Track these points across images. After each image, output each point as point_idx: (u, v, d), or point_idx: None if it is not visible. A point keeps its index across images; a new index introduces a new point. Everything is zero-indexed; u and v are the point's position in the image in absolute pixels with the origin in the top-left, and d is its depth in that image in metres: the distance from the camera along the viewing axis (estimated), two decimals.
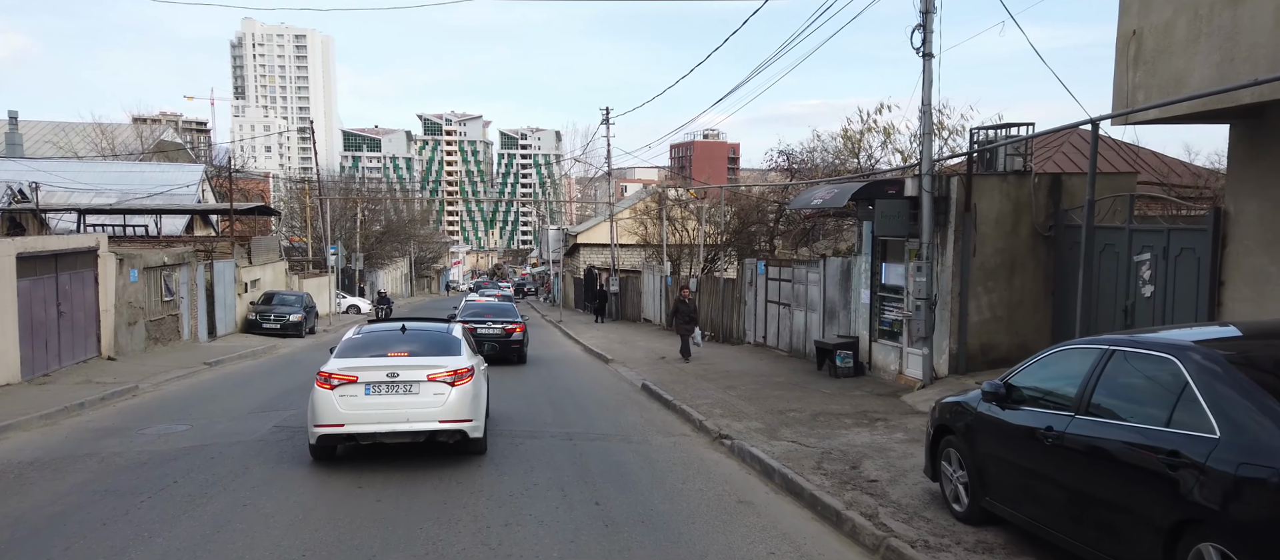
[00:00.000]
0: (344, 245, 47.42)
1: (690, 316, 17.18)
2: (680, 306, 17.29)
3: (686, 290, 17.84)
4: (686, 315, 17.13)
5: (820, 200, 12.34)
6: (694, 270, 32.20)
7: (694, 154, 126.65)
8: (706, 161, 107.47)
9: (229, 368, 18.54)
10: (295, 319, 27.03)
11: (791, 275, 17.83)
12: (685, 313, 17.14)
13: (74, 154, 43.64)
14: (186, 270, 22.54)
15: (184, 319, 22.24)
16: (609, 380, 16.38)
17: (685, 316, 17.11)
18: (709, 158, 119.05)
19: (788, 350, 18.03)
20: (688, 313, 17.19)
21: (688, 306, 17.28)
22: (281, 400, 13.46)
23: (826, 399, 12.04)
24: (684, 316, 17.11)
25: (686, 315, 17.13)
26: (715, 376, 15.22)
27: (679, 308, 17.31)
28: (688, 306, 17.28)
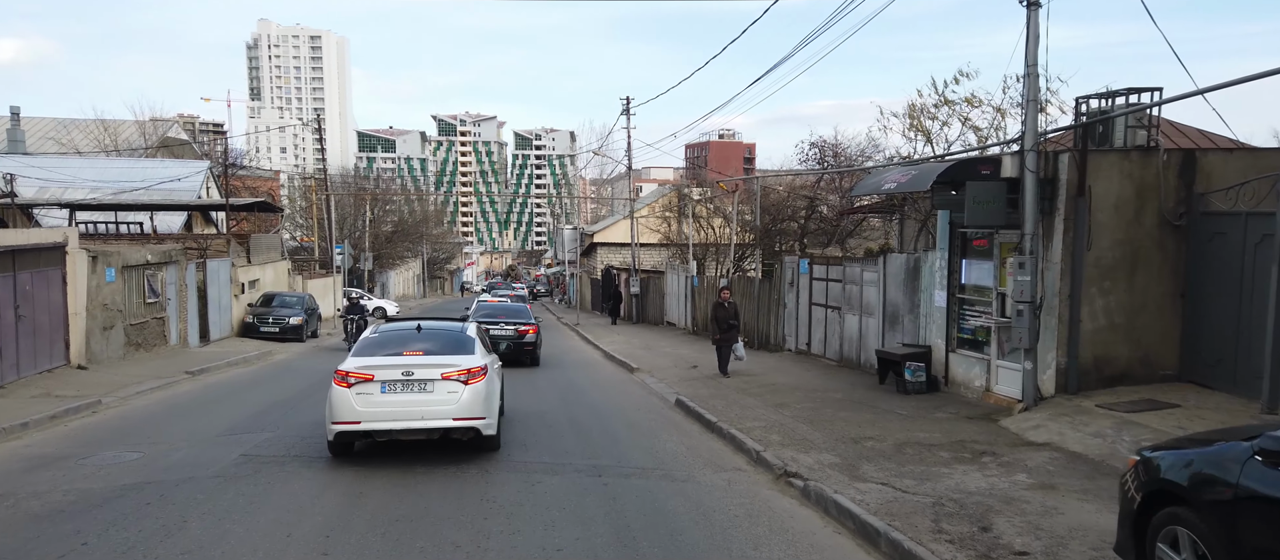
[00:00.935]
0: (352, 244, 45.91)
1: (730, 324, 14.60)
2: (718, 312, 14.61)
3: (726, 292, 15.02)
4: (726, 323, 14.55)
5: (893, 184, 10.30)
6: (723, 270, 30.14)
7: (710, 154, 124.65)
8: (722, 161, 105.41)
9: (213, 377, 16.71)
10: (295, 322, 25.24)
11: (842, 275, 15.75)
12: (724, 319, 14.54)
13: (76, 150, 42.33)
14: (175, 269, 20.78)
15: (171, 322, 20.47)
16: (637, 394, 14.39)
17: (724, 324, 14.54)
18: (725, 158, 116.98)
19: (837, 360, 15.95)
20: (727, 320, 14.57)
21: (727, 312, 14.58)
22: (260, 419, 11.57)
23: (906, 423, 9.97)
24: (723, 324, 14.55)
25: (726, 323, 14.55)
26: (761, 391, 13.19)
27: (717, 314, 14.62)
28: (727, 312, 14.58)
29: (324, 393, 9.60)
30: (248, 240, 28.09)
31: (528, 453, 9.31)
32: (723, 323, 14.57)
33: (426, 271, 71.67)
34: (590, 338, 26.63)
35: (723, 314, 14.63)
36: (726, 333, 14.55)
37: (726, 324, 14.55)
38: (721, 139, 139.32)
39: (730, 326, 14.56)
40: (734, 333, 14.59)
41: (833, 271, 16.25)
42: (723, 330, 14.55)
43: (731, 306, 14.74)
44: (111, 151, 43.58)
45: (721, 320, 14.62)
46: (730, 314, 14.64)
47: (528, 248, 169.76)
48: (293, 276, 31.95)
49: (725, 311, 14.63)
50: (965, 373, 11.55)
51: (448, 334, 9.51)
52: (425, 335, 9.29)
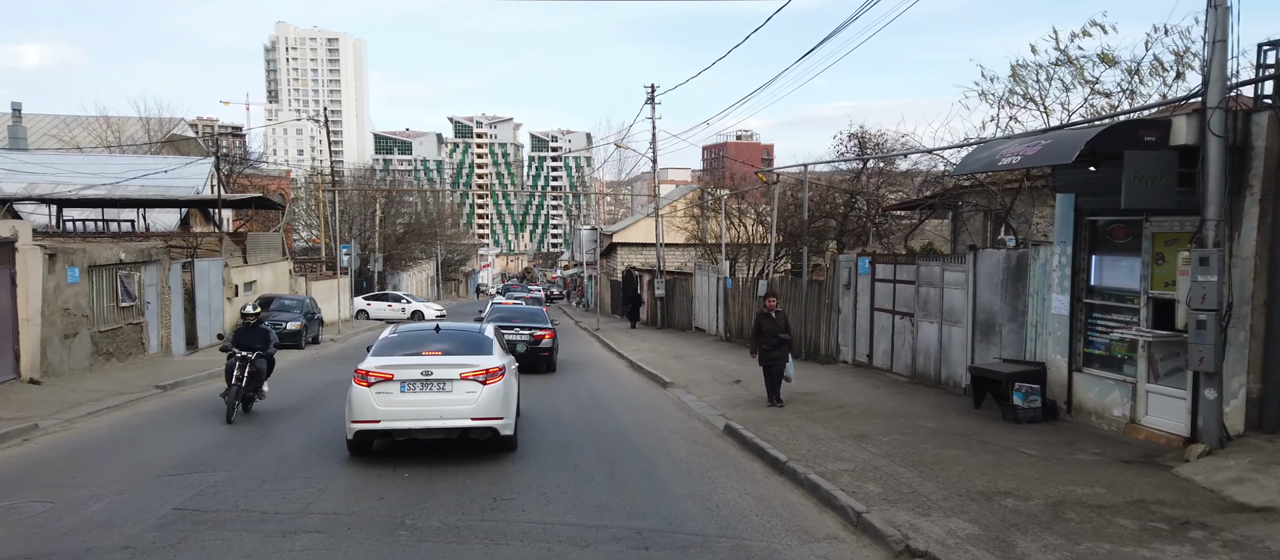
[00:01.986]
0: (360, 244, 44.00)
1: (779, 338, 11.50)
2: (764, 324, 11.57)
3: (772, 300, 11.94)
4: (774, 336, 11.50)
5: (1014, 158, 7.97)
6: (761, 271, 27.78)
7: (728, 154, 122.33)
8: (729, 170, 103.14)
9: (187, 392, 14.63)
10: (293, 327, 23.17)
11: (915, 275, 13.38)
12: (772, 333, 11.50)
13: (77, 147, 40.80)
14: (155, 270, 18.77)
15: (150, 329, 18.45)
16: (673, 415, 12.11)
17: (771, 338, 11.50)
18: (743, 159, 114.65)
19: (909, 375, 13.58)
20: (775, 333, 11.51)
21: (776, 324, 11.55)
22: (221, 450, 9.43)
23: (1043, 469, 7.62)
24: (770, 338, 11.50)
25: (774, 336, 11.50)
26: (828, 415, 10.88)
27: (762, 326, 11.57)
28: (776, 324, 11.55)
29: (309, 410, 9.50)
30: (244, 239, 26.11)
31: (548, 507, 7.08)
32: (770, 337, 11.48)
33: (440, 274, 69.77)
34: (612, 344, 24.39)
35: (770, 327, 11.52)
36: (775, 349, 11.46)
37: (774, 339, 11.46)
38: (739, 140, 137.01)
39: (780, 342, 11.46)
40: (784, 350, 11.51)
41: (902, 271, 13.89)
42: (771, 347, 11.46)
43: (780, 317, 11.71)
44: (114, 148, 41.98)
45: (768, 334, 11.51)
46: (779, 327, 11.54)
47: (544, 250, 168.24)
48: (294, 278, 29.99)
49: (773, 323, 11.53)
50: (1098, 398, 9.17)
51: (466, 335, 9.69)
52: (443, 336, 9.42)
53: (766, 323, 11.66)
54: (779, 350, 11.54)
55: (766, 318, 11.71)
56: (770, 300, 11.99)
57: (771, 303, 11.89)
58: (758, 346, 11.56)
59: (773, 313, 11.73)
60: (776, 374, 11.67)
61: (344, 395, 14.46)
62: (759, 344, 11.57)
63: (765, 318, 11.74)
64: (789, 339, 11.77)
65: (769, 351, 11.52)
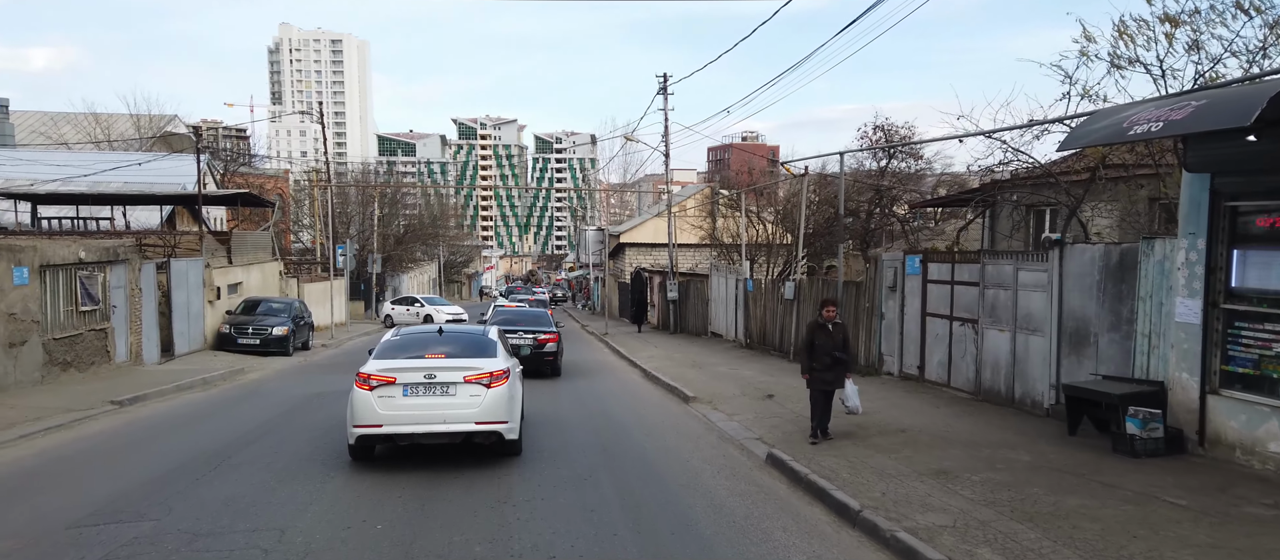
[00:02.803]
0: (359, 244, 42.35)
1: (835, 357, 9.31)
2: (819, 337, 9.34)
3: (831, 310, 9.60)
4: (828, 354, 9.29)
5: (1153, 124, 6.18)
6: (773, 270, 25.99)
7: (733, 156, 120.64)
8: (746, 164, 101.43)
9: (147, 409, 12.90)
10: (279, 333, 21.49)
11: (980, 275, 11.57)
12: (827, 349, 9.29)
13: (64, 144, 39.28)
14: (123, 270, 17.08)
15: (117, 335, 16.75)
16: (703, 439, 10.34)
17: (826, 356, 9.28)
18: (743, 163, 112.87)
19: (972, 391, 11.78)
20: (831, 350, 9.31)
21: (832, 339, 9.36)
22: (154, 491, 7.68)
23: (1215, 530, 5.84)
24: (824, 356, 9.28)
25: (828, 354, 9.29)
26: (888, 441, 9.11)
27: (815, 339, 9.36)
28: (832, 339, 9.36)
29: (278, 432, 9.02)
30: (230, 238, 24.43)
31: None
32: (825, 354, 9.28)
33: (443, 275, 68.08)
34: (623, 350, 22.64)
35: (825, 341, 9.32)
36: (829, 369, 9.29)
37: (830, 356, 9.29)
38: (745, 141, 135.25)
39: (835, 361, 9.29)
40: (841, 371, 9.37)
41: (962, 271, 12.08)
42: (826, 365, 9.29)
43: (839, 330, 9.50)
44: (103, 145, 40.41)
45: (823, 350, 9.28)
46: (836, 342, 9.35)
47: (548, 252, 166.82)
48: (285, 280, 28.28)
49: (829, 338, 9.35)
50: (1245, 429, 7.37)
51: (470, 337, 9.51)
52: (447, 338, 9.25)
53: (821, 336, 9.35)
54: (835, 371, 9.34)
55: (821, 330, 9.41)
56: (829, 309, 9.57)
57: (830, 312, 9.53)
58: (810, 365, 9.38)
59: (829, 324, 9.42)
60: (828, 400, 9.44)
61: (326, 410, 12.84)
62: (811, 362, 9.36)
63: (820, 330, 9.41)
64: (847, 359, 9.46)
65: (822, 372, 9.31)
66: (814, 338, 9.47)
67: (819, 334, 9.47)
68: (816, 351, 9.39)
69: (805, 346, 9.61)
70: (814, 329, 9.58)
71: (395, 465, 8.65)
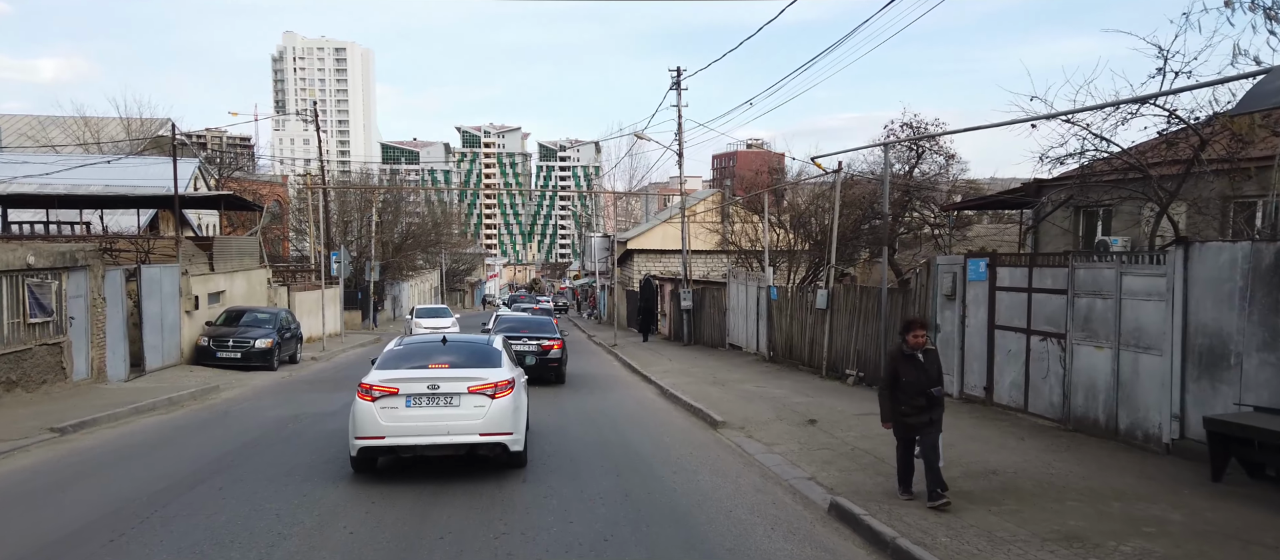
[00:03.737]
0: (356, 251, 40.68)
1: (930, 395, 7.05)
2: (905, 370, 7.08)
3: (920, 333, 7.15)
4: (921, 391, 7.03)
5: None
6: (795, 277, 24.21)
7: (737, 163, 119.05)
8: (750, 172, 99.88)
9: (91, 438, 11.15)
10: (263, 345, 19.78)
11: (1069, 282, 9.77)
12: (917, 385, 7.03)
13: (52, 148, 37.75)
14: (82, 278, 15.38)
15: (75, 350, 15.05)
16: (743, 478, 8.56)
17: (917, 392, 7.02)
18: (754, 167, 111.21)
19: (1057, 418, 9.97)
20: (924, 385, 7.04)
21: (926, 372, 7.07)
22: (69, 552, 5.93)
23: None
24: (915, 392, 7.02)
25: (921, 391, 7.03)
26: (983, 488, 7.32)
27: (902, 374, 7.07)
28: (926, 372, 7.07)
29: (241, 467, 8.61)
30: (211, 244, 22.74)
31: None
32: (916, 391, 6.99)
33: (445, 283, 66.40)
34: (634, 364, 20.85)
35: (916, 375, 7.01)
36: (923, 412, 7.00)
37: (922, 394, 6.99)
38: (749, 148, 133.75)
39: (931, 400, 7.01)
40: (938, 413, 7.09)
41: (1043, 276, 10.28)
42: (915, 408, 7.00)
43: (932, 359, 7.16)
44: (90, 148, 38.89)
45: (913, 387, 6.99)
46: (931, 375, 7.04)
47: (552, 260, 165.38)
48: (274, 288, 26.58)
49: (920, 369, 7.02)
50: None
51: (474, 346, 9.39)
52: (450, 348, 9.16)
53: (908, 368, 7.02)
54: (930, 414, 6.99)
55: (908, 360, 7.05)
56: (917, 333, 7.10)
57: (918, 337, 7.07)
58: (895, 407, 7.09)
59: (919, 353, 7.05)
60: (924, 449, 6.98)
61: (302, 438, 11.08)
62: (897, 402, 7.07)
63: (906, 361, 7.05)
64: (942, 399, 7.16)
65: (912, 416, 6.99)
66: (897, 369, 7.07)
67: (905, 366, 7.06)
68: (903, 390, 7.02)
69: (887, 383, 7.15)
70: (897, 360, 7.14)
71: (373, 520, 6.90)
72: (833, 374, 16.37)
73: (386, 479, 8.44)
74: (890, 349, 7.61)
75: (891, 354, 7.35)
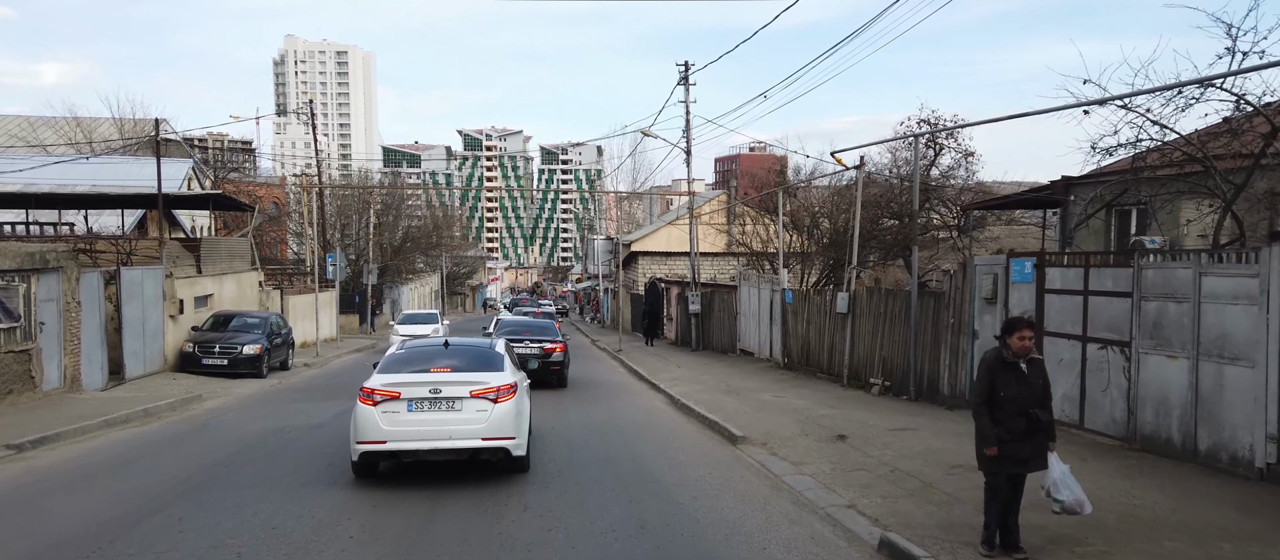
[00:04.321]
0: (354, 253, 39.74)
1: (1034, 417, 5.56)
2: (1007, 385, 5.58)
3: (1026, 336, 5.61)
4: (1023, 411, 5.56)
5: None
6: (808, 279, 23.19)
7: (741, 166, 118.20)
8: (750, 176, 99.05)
9: (52, 455, 10.16)
10: (251, 351, 18.80)
11: (1135, 284, 8.74)
12: (1020, 401, 5.56)
13: (43, 148, 36.85)
14: (56, 280, 14.41)
15: (45, 357, 14.08)
16: (773, 506, 7.56)
17: (1018, 413, 5.56)
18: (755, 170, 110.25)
19: (1121, 437, 8.95)
20: (1026, 404, 5.57)
21: (1030, 386, 5.60)
22: None
23: None
24: (1015, 413, 5.55)
25: (1023, 411, 5.56)
26: (1059, 524, 6.29)
27: (1001, 388, 5.59)
28: (1030, 386, 5.60)
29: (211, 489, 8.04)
30: (198, 245, 21.78)
31: None
32: (1017, 410, 5.57)
33: (445, 287, 65.42)
34: (641, 370, 19.86)
35: (1019, 390, 5.59)
36: (1028, 438, 5.59)
37: (1026, 417, 5.57)
38: (752, 151, 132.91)
39: (1034, 424, 5.58)
40: (1044, 438, 5.66)
41: (1103, 277, 9.26)
42: (1020, 432, 5.57)
43: (1037, 370, 5.73)
44: (83, 149, 37.97)
45: (1014, 404, 5.57)
46: (1036, 390, 5.63)
47: (554, 263, 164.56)
48: (266, 291, 25.60)
49: (1024, 384, 5.61)
50: None
51: (476, 350, 9.28)
52: (453, 351, 9.05)
53: (1009, 380, 5.54)
54: (1034, 441, 5.56)
55: (1009, 370, 5.57)
56: (1022, 334, 5.58)
57: (1023, 341, 5.55)
58: (992, 430, 5.57)
59: (1021, 361, 5.58)
60: (1019, 487, 5.67)
61: (285, 453, 10.06)
62: (996, 424, 5.55)
63: (1006, 371, 5.57)
64: (1050, 418, 5.68)
65: (1011, 443, 5.52)
66: (995, 382, 5.56)
67: (1004, 376, 5.55)
68: (1002, 408, 5.51)
69: (981, 398, 5.62)
70: (995, 368, 5.59)
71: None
72: (855, 383, 15.36)
73: (373, 510, 7.45)
74: (985, 356, 5.82)
75: (987, 363, 5.74)
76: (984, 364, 5.78)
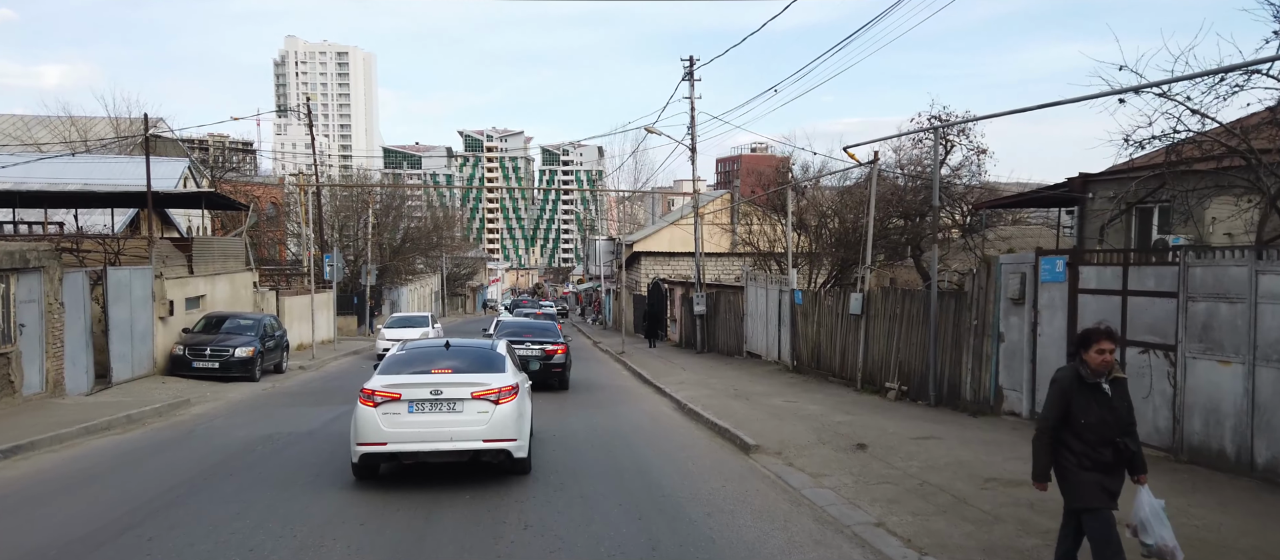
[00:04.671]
0: (352, 253, 39.17)
1: (1122, 445, 4.66)
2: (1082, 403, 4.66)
3: (1107, 349, 4.62)
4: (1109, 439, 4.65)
5: None
6: (816, 279, 22.60)
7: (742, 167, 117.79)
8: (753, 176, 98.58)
9: (23, 466, 9.58)
10: (243, 354, 18.23)
11: (1181, 282, 8.15)
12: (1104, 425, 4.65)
13: (37, 147, 36.33)
14: (38, 280, 13.84)
15: (26, 361, 13.50)
16: (795, 525, 6.98)
17: (1102, 439, 4.64)
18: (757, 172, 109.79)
19: (1167, 447, 8.37)
20: (1109, 430, 4.65)
21: (1113, 408, 4.67)
22: None
23: None
24: (1098, 439, 4.64)
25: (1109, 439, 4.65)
26: None
27: (1076, 408, 4.66)
28: (1113, 408, 4.67)
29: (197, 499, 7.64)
30: (190, 245, 21.21)
31: None
32: (1097, 436, 4.64)
33: (445, 288, 64.86)
34: (645, 373, 19.27)
35: (1101, 412, 4.65)
36: (1112, 469, 4.68)
37: (1111, 445, 4.66)
38: (754, 152, 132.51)
39: (1121, 454, 4.68)
40: (1123, 468, 4.74)
41: (1145, 277, 8.66)
42: (1103, 462, 4.65)
43: (1121, 392, 4.75)
44: (77, 148, 37.42)
45: (1095, 432, 4.64)
46: (1120, 414, 4.70)
47: (555, 265, 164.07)
48: (261, 292, 25.03)
49: (1105, 406, 4.66)
50: None
51: (477, 351, 9.22)
52: (454, 353, 8.99)
53: (1088, 403, 4.65)
54: (1117, 472, 4.70)
55: (1089, 392, 4.67)
56: (1102, 349, 4.63)
57: (1104, 354, 4.63)
58: (1069, 462, 4.71)
59: (1103, 380, 4.67)
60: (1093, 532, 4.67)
61: (271, 462, 9.55)
62: (1071, 451, 4.69)
63: (1084, 391, 4.67)
64: (1137, 448, 4.77)
65: (1092, 473, 4.64)
66: (1069, 402, 4.65)
67: (1083, 399, 4.62)
68: (1083, 437, 4.62)
69: (1051, 425, 4.72)
70: (1070, 390, 4.65)
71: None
72: (869, 387, 14.76)
73: (361, 528, 6.86)
74: (1059, 375, 4.80)
75: (1061, 382, 4.73)
76: (1057, 385, 4.77)
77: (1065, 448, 4.73)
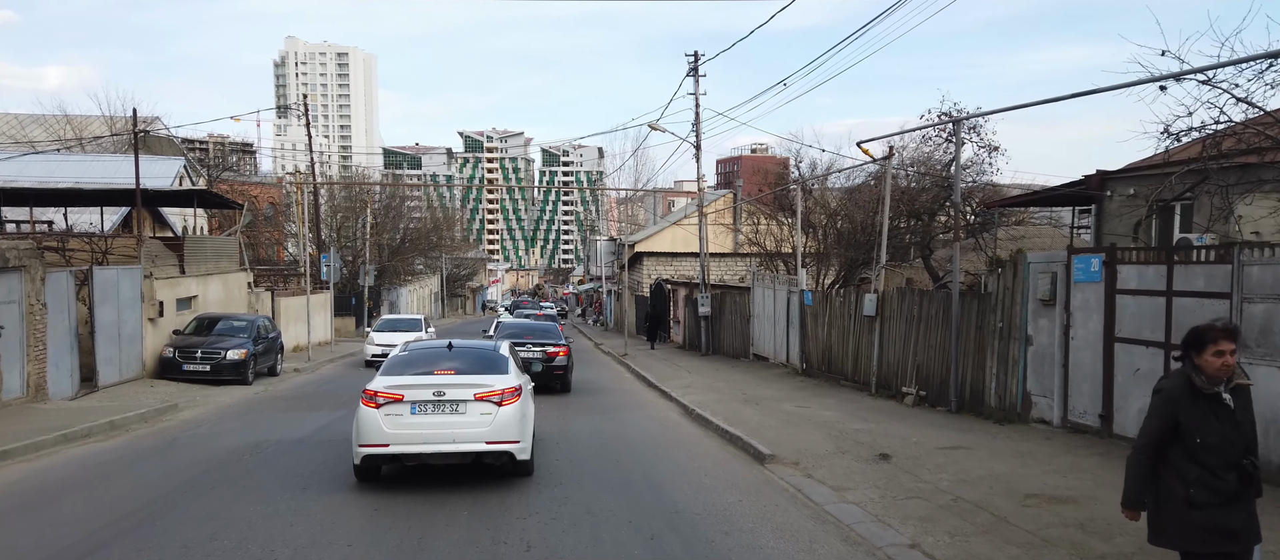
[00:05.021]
0: (351, 254, 38.59)
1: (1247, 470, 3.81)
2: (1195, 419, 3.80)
3: (1228, 351, 3.75)
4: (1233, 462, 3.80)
5: None
6: (824, 280, 22.01)
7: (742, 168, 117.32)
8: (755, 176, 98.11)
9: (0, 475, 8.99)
10: (235, 356, 17.63)
11: (1235, 282, 7.58)
12: (1223, 448, 3.78)
13: (31, 146, 35.79)
14: (19, 280, 13.26)
15: (5, 363, 12.92)
16: (822, 548, 6.40)
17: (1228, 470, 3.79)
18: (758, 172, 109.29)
19: None
20: (1237, 451, 3.80)
21: (1237, 423, 3.82)
22: None
23: None
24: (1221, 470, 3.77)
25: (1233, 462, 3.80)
26: None
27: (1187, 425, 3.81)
28: (1237, 423, 3.82)
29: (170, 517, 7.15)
30: (182, 244, 20.63)
31: None
32: (1219, 460, 3.77)
33: (445, 289, 64.29)
34: (649, 376, 18.69)
35: (1222, 429, 3.78)
36: (1235, 501, 3.79)
37: (1237, 470, 3.80)
38: (754, 153, 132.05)
39: (1244, 479, 3.81)
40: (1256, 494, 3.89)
41: (1192, 276, 8.07)
42: (1226, 495, 3.77)
43: (1244, 402, 3.88)
44: (72, 146, 36.88)
45: (1217, 454, 3.78)
46: (1245, 432, 3.83)
47: (555, 265, 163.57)
48: (256, 293, 24.45)
49: (1228, 421, 3.79)
50: None
51: (480, 353, 9.12)
52: (456, 354, 8.88)
53: (1205, 418, 3.79)
54: (1244, 503, 3.84)
55: (1206, 404, 3.82)
56: (1221, 350, 3.77)
57: (1223, 359, 3.77)
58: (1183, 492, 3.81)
59: (1222, 388, 3.83)
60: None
61: (256, 474, 9.00)
62: (1181, 478, 3.82)
63: (1199, 403, 3.82)
64: (1258, 473, 3.92)
65: (1220, 509, 3.77)
66: (1178, 415, 3.84)
67: (1197, 412, 3.82)
68: (1199, 459, 3.80)
69: (1152, 443, 3.93)
70: (1179, 400, 3.85)
71: None
72: (885, 392, 14.18)
73: (349, 551, 6.28)
74: (1166, 385, 4.00)
75: (1170, 395, 3.89)
76: (1163, 396, 3.92)
77: (1172, 472, 3.86)
